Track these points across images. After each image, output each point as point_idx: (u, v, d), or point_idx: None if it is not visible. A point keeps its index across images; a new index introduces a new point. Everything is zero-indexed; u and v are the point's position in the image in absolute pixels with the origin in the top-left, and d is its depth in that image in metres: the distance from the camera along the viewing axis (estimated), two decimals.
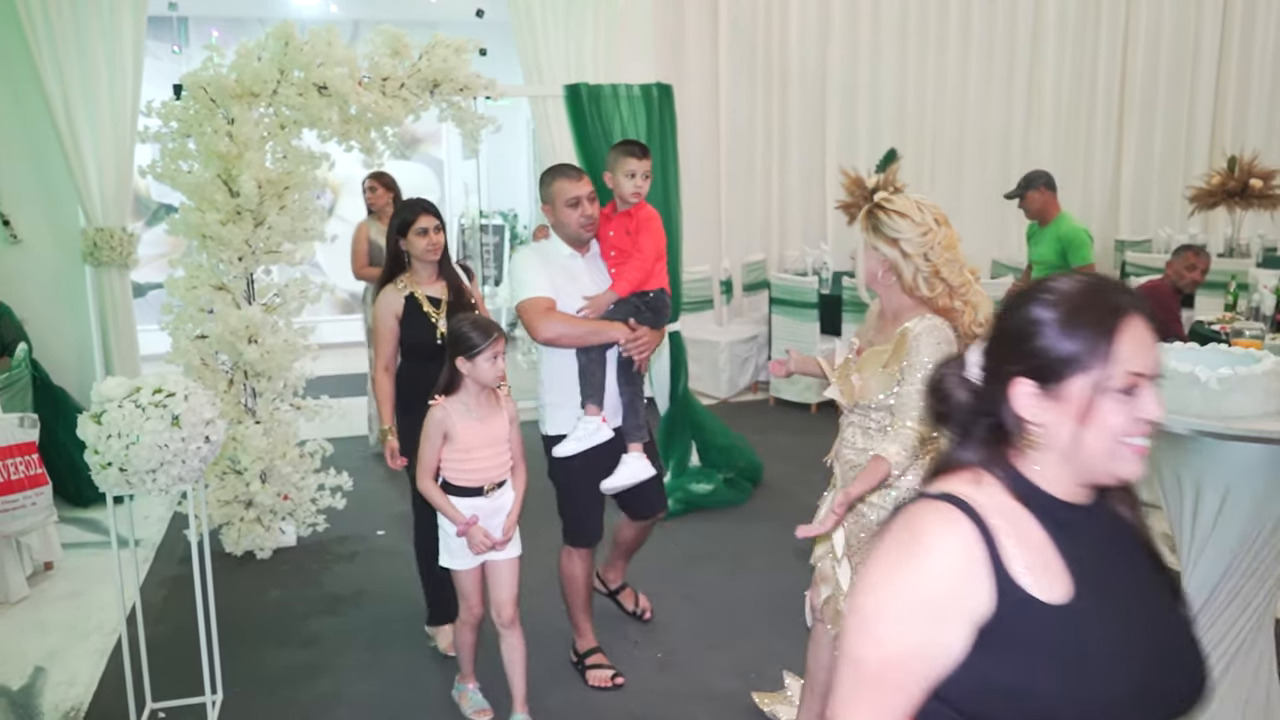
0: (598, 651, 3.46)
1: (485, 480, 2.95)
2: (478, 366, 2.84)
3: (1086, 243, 5.24)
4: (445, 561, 3.04)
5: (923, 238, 2.44)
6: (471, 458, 2.92)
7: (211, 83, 4.25)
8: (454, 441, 2.90)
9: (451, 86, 4.55)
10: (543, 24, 6.24)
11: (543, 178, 3.31)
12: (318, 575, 4.40)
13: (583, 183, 3.25)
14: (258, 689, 3.43)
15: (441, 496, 2.94)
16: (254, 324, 4.39)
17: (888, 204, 2.50)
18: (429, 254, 3.45)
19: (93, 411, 2.93)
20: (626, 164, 3.27)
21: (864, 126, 8.65)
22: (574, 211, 3.21)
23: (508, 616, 3.05)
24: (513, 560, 3.04)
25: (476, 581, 3.06)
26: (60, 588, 4.30)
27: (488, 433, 2.93)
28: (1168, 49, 9.49)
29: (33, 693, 3.44)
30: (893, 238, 2.45)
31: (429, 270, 3.50)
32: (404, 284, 3.47)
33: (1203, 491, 2.62)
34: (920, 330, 2.43)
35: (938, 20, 8.78)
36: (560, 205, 3.22)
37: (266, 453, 4.48)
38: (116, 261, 5.81)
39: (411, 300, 3.44)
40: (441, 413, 2.90)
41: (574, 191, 3.21)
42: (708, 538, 4.66)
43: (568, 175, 3.26)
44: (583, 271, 3.31)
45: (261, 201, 4.36)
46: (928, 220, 2.47)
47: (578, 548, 3.37)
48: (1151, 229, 9.51)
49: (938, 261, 2.44)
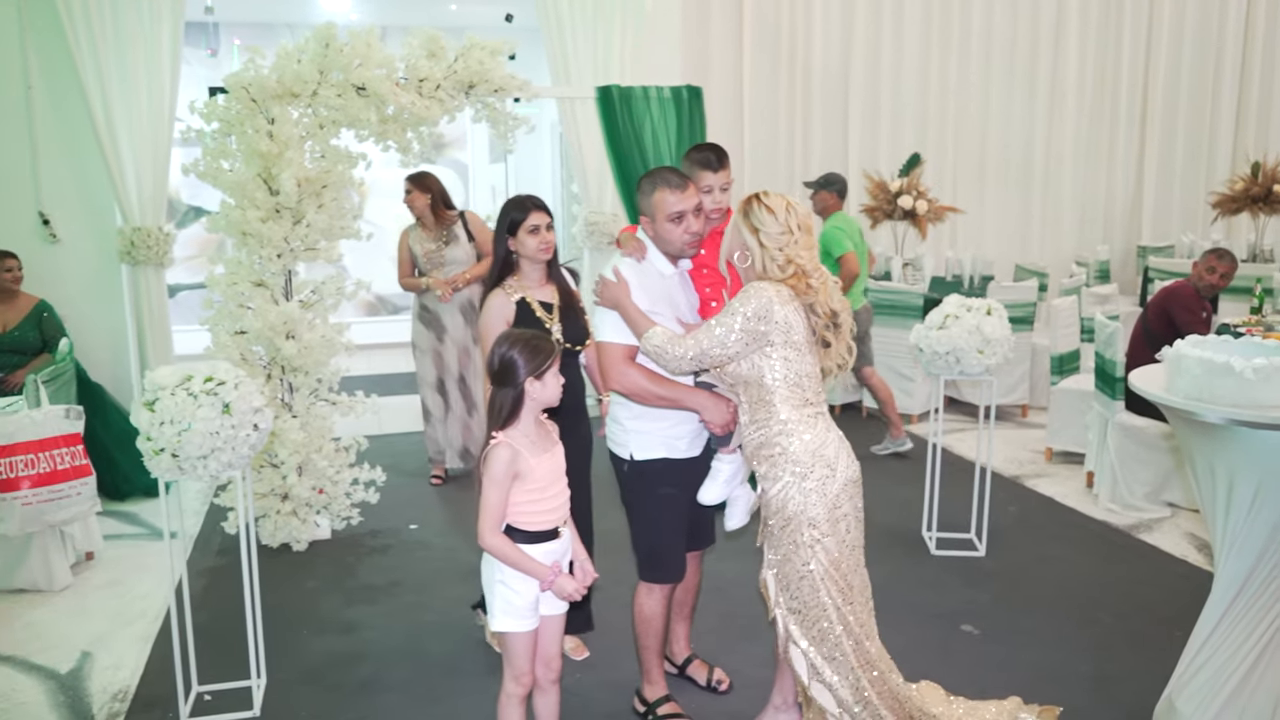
0: (670, 699, 3.14)
1: (560, 518, 2.57)
2: (547, 385, 2.49)
3: (839, 238, 5.74)
4: (503, 625, 2.55)
5: (780, 236, 2.67)
6: (546, 495, 2.52)
7: (253, 83, 4.34)
8: (527, 479, 2.48)
9: (486, 88, 4.63)
10: (571, 27, 6.34)
11: (641, 184, 2.90)
12: (353, 567, 4.47)
13: (689, 193, 2.82)
14: (300, 674, 3.50)
15: (517, 550, 2.48)
16: (292, 319, 4.48)
17: (764, 197, 2.71)
18: (541, 254, 3.18)
19: (145, 399, 3.00)
20: (701, 178, 2.94)
21: (886, 130, 8.72)
22: (678, 228, 2.82)
23: (557, 671, 2.70)
24: (563, 614, 2.67)
25: (533, 646, 2.63)
26: (101, 576, 4.39)
27: (556, 465, 2.57)
28: (1190, 53, 9.51)
29: (81, 676, 3.52)
30: (755, 227, 2.68)
31: (539, 272, 3.24)
32: (514, 288, 3.19)
33: (1236, 481, 2.65)
34: (748, 289, 2.67)
35: (960, 24, 8.84)
36: (661, 220, 2.83)
37: (303, 446, 4.56)
38: (152, 260, 5.92)
39: (523, 305, 3.17)
40: (508, 451, 2.46)
41: (679, 205, 2.80)
42: (724, 535, 4.70)
43: (670, 184, 2.82)
44: (678, 291, 2.97)
45: (300, 200, 4.46)
46: (790, 223, 2.68)
47: (661, 584, 3.03)
48: (1174, 234, 9.52)
49: (790, 253, 2.68)
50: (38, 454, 4.07)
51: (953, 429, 6.50)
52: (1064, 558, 4.47)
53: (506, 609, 2.54)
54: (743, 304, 2.62)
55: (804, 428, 2.65)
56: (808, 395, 2.68)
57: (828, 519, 2.63)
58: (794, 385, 2.66)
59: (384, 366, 8.70)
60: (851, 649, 2.68)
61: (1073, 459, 5.81)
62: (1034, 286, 6.99)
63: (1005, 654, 3.58)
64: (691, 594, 3.35)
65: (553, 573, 2.50)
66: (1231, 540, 2.72)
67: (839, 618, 2.66)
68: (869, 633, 2.74)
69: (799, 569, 2.66)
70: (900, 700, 2.75)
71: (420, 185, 5.38)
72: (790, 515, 2.65)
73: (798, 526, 2.64)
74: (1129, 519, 4.92)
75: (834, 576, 2.65)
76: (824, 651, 2.69)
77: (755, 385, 2.69)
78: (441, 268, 5.37)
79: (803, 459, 2.63)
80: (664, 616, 3.07)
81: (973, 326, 4.21)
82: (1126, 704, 3.22)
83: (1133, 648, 3.62)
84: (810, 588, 2.66)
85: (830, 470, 2.64)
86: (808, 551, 2.64)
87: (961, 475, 5.25)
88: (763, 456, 2.69)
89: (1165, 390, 2.74)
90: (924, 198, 7.33)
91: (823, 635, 2.68)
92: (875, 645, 2.75)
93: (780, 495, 2.66)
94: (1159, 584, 4.18)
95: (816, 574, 2.65)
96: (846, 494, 2.67)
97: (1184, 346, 2.72)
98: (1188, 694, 2.85)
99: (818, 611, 2.67)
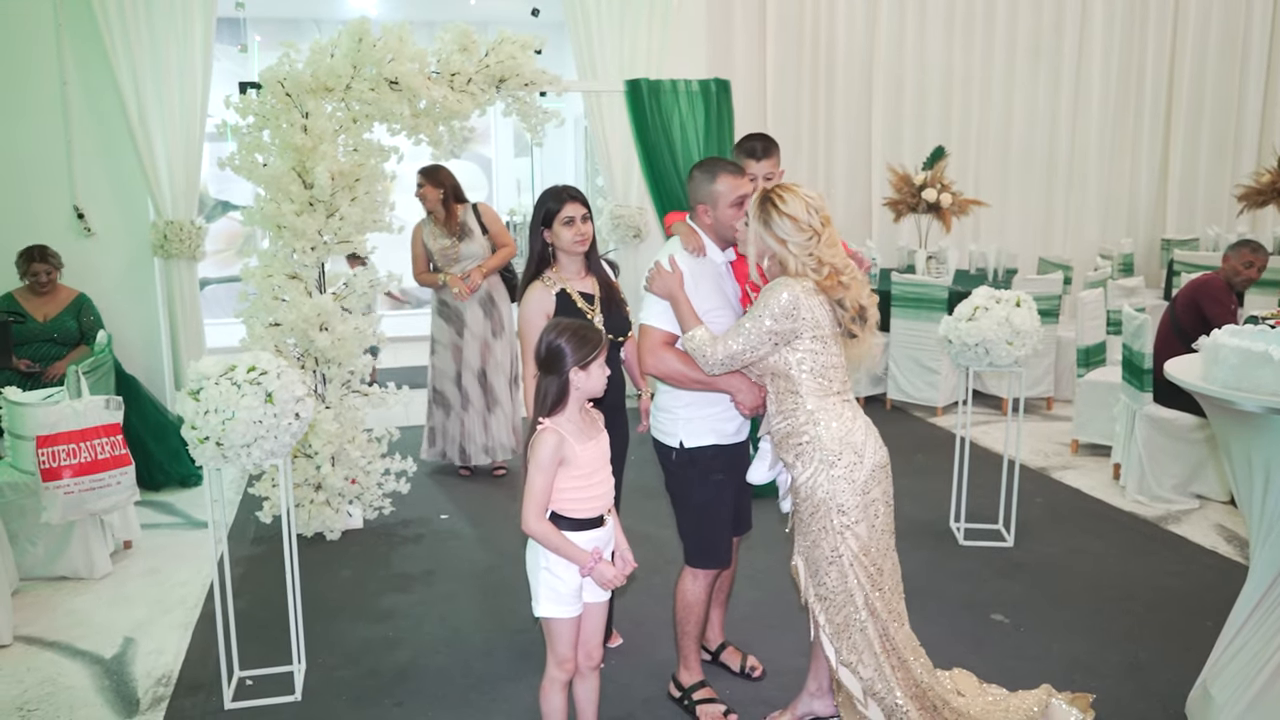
0: (705, 685, 3.17)
1: (604, 506, 2.60)
2: (591, 375, 2.51)
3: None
4: (547, 611, 2.59)
5: (807, 241, 2.67)
6: (593, 482, 2.55)
7: (288, 78, 4.40)
8: (572, 466, 2.51)
9: (517, 82, 4.67)
10: (597, 21, 6.36)
11: (696, 174, 2.93)
12: (386, 556, 4.53)
13: (747, 179, 2.91)
14: (339, 660, 3.56)
15: (560, 536, 2.51)
16: (325, 312, 4.53)
17: (781, 203, 2.67)
18: (577, 246, 3.12)
19: (190, 388, 3.06)
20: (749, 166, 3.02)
21: (909, 123, 8.71)
22: (739, 211, 2.85)
23: (598, 658, 2.74)
24: (605, 601, 2.71)
25: (576, 633, 2.65)
26: (140, 565, 4.46)
27: (601, 452, 2.59)
28: (1216, 45, 9.45)
29: (124, 661, 3.59)
30: (781, 238, 2.68)
31: (577, 264, 3.18)
32: (553, 280, 3.13)
33: (1273, 470, 2.67)
34: (776, 286, 2.67)
35: (985, 16, 8.82)
36: (724, 206, 2.86)
37: (336, 437, 4.62)
38: (185, 254, 6.01)
39: (564, 297, 3.11)
40: (555, 437, 2.50)
41: (742, 189, 2.86)
42: (762, 523, 4.74)
43: (731, 171, 2.88)
44: (726, 281, 3.00)
45: (334, 193, 4.51)
46: (814, 224, 2.67)
47: (707, 569, 3.05)
48: (1199, 227, 9.47)
49: (819, 254, 2.67)
50: (79, 444, 4.13)
51: (978, 421, 6.51)
52: (1092, 549, 4.48)
53: (551, 595, 2.57)
54: (769, 303, 2.65)
55: (831, 416, 2.69)
56: (834, 385, 2.72)
57: (857, 505, 2.67)
58: (820, 376, 2.70)
59: (409, 360, 8.76)
60: (877, 636, 2.72)
61: (1099, 451, 5.81)
62: (1059, 279, 6.98)
63: (1037, 643, 3.60)
64: (729, 580, 3.39)
65: (593, 559, 2.53)
66: (1268, 529, 2.74)
67: (865, 603, 2.70)
68: (898, 618, 2.77)
69: (828, 554, 2.70)
70: (922, 689, 2.77)
71: (433, 179, 5.32)
72: (819, 502, 2.68)
73: (827, 513, 2.68)
74: (1157, 510, 4.93)
75: (863, 563, 2.69)
76: (849, 638, 2.72)
77: (782, 376, 2.72)
78: (456, 263, 5.36)
79: (830, 447, 2.66)
80: (706, 603, 3.10)
81: (1002, 318, 4.22)
82: (1159, 692, 3.24)
83: (1164, 637, 3.63)
84: (839, 573, 2.70)
85: (858, 457, 2.67)
86: (837, 538, 2.68)
87: (988, 467, 5.26)
88: (790, 445, 2.73)
89: (1202, 380, 2.75)
90: (948, 191, 7.32)
91: (847, 621, 2.72)
92: (903, 632, 2.77)
93: (809, 482, 2.70)
94: (1189, 575, 4.19)
95: (845, 560, 2.69)
96: (875, 479, 2.70)
97: (1221, 336, 2.74)
98: (1222, 681, 2.87)
99: (844, 597, 2.71)
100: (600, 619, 2.70)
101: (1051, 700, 3.03)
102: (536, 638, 3.59)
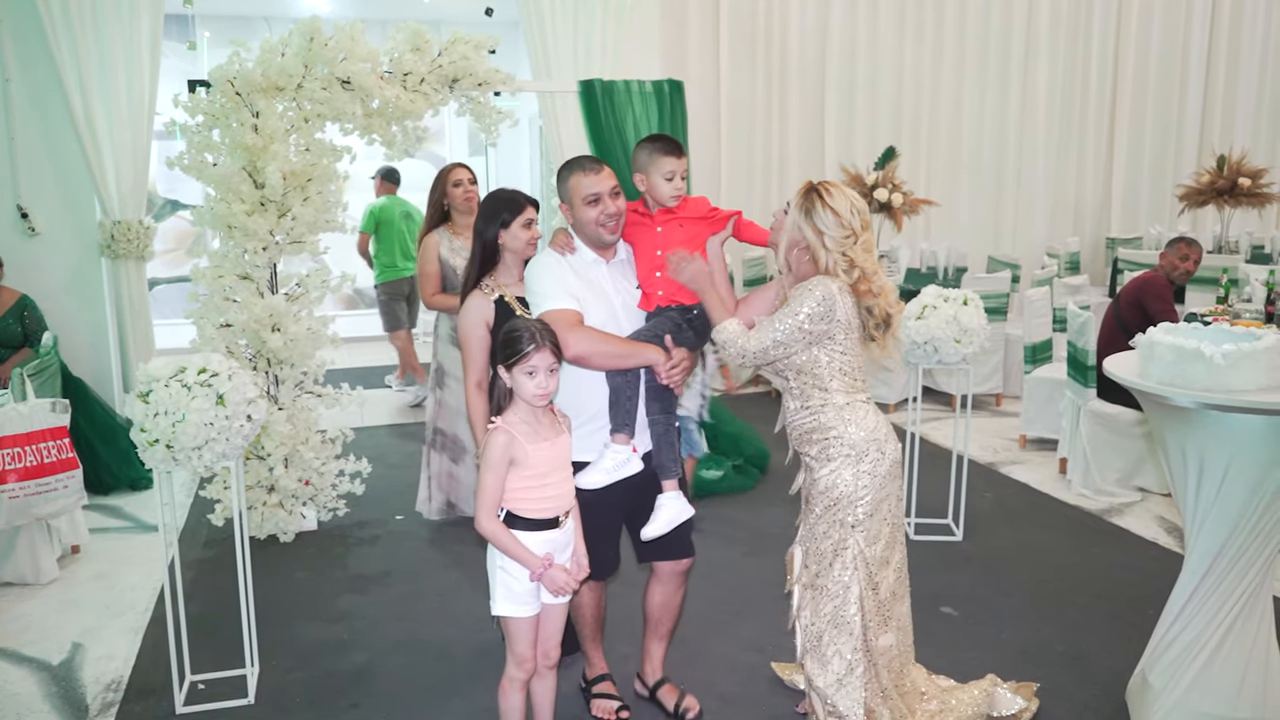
0: (606, 679, 3.21)
1: (559, 510, 2.57)
2: (515, 379, 2.50)
3: (365, 216, 7.31)
4: (504, 610, 2.60)
5: (844, 239, 2.67)
6: (545, 484, 2.54)
7: (238, 76, 4.36)
8: (523, 466, 2.50)
9: (471, 81, 4.67)
10: (551, 20, 6.36)
11: (559, 173, 2.92)
12: (342, 557, 4.51)
13: (603, 175, 2.84)
14: (293, 662, 3.54)
15: (511, 537, 2.51)
16: (277, 312, 4.50)
17: (827, 196, 2.68)
18: (530, 249, 3.07)
19: (140, 390, 3.03)
20: (664, 164, 2.85)
21: (862, 124, 8.81)
22: (594, 209, 2.82)
23: (556, 658, 2.76)
24: (566, 602, 2.71)
25: (534, 632, 2.66)
26: (88, 569, 4.39)
27: (557, 454, 2.57)
28: (1158, 50, 9.70)
29: (72, 667, 3.54)
30: (820, 230, 2.67)
31: (519, 268, 3.09)
32: (490, 287, 3.06)
33: (1206, 462, 2.76)
34: (813, 284, 2.67)
35: (934, 20, 8.95)
36: (578, 203, 2.83)
37: (289, 439, 4.58)
38: (133, 254, 5.92)
39: (501, 304, 3.04)
40: (505, 436, 2.49)
41: (594, 187, 2.81)
42: (720, 521, 4.80)
43: (585, 168, 2.85)
44: (606, 280, 2.91)
45: (286, 193, 4.47)
46: (855, 225, 2.68)
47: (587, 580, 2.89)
48: (1142, 226, 9.71)
49: (853, 255, 2.68)
50: (24, 447, 4.06)
51: (928, 418, 6.62)
52: (1039, 542, 4.59)
53: (506, 594, 2.59)
54: (805, 302, 2.64)
55: (859, 414, 2.73)
56: (858, 382, 2.77)
57: (874, 499, 2.73)
58: (847, 374, 2.74)
59: (365, 360, 8.71)
60: (860, 633, 2.76)
61: (1046, 446, 5.94)
62: (1007, 278, 7.12)
63: (984, 634, 3.69)
64: (671, 614, 3.17)
65: (543, 564, 2.52)
66: (1201, 519, 2.83)
67: (857, 599, 2.74)
68: (883, 623, 2.79)
69: (835, 546, 2.74)
70: (884, 695, 2.82)
71: (475, 177, 4.65)
72: (839, 497, 2.72)
73: (845, 507, 2.72)
74: (1101, 504, 5.05)
75: (866, 557, 2.73)
76: (832, 630, 2.76)
77: (809, 373, 2.75)
78: None
79: (858, 444, 2.71)
80: (595, 606, 3.10)
81: (950, 317, 4.31)
82: (1101, 680, 3.33)
83: (1107, 627, 3.73)
84: (840, 567, 2.74)
85: (881, 454, 2.73)
86: (848, 531, 2.73)
87: (938, 463, 5.36)
88: (814, 440, 2.76)
89: (1139, 376, 2.83)
90: (899, 190, 7.43)
91: (835, 614, 2.76)
92: (886, 639, 2.80)
93: (830, 477, 2.73)
94: (1131, 566, 4.31)
95: (850, 554, 2.73)
96: (892, 474, 2.77)
97: (1156, 334, 2.83)
98: (1159, 669, 2.96)
99: (839, 589, 2.75)
100: (559, 619, 2.71)
101: (996, 690, 3.11)
102: (494, 637, 3.60)
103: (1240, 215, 8.83)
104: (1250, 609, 2.86)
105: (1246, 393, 2.61)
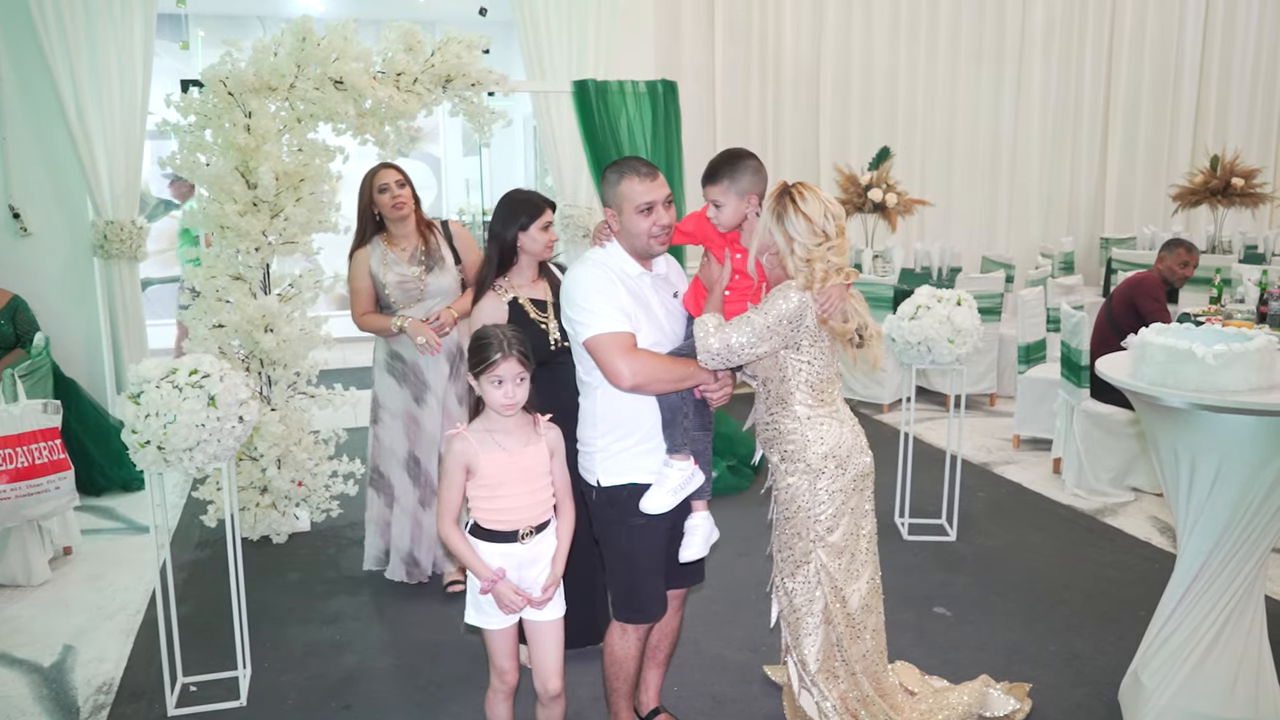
0: (661, 712, 3.03)
1: (520, 523, 2.47)
2: (483, 388, 2.43)
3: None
4: (472, 619, 2.55)
5: (816, 247, 2.58)
6: (498, 495, 2.45)
7: (230, 76, 4.35)
8: (477, 475, 2.44)
9: (464, 81, 4.66)
10: (545, 20, 6.36)
11: (607, 174, 2.69)
12: (334, 558, 4.50)
13: (659, 183, 2.62)
14: (285, 664, 3.53)
15: (465, 544, 2.45)
16: (270, 313, 4.49)
17: (800, 200, 2.59)
18: (548, 251, 3.07)
19: (131, 392, 3.02)
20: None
21: (856, 124, 8.83)
22: (646, 219, 2.60)
23: (555, 689, 2.58)
24: (556, 621, 2.57)
25: (511, 644, 2.57)
26: (80, 571, 4.38)
27: (517, 465, 2.46)
28: (1151, 52, 9.73)
29: (64, 669, 3.53)
30: (790, 235, 2.59)
31: (533, 270, 3.09)
32: (504, 289, 3.06)
33: (1198, 463, 2.76)
34: (787, 288, 2.60)
35: (929, 21, 8.97)
36: (629, 211, 2.60)
37: (282, 439, 4.57)
38: (126, 254, 5.90)
39: (515, 306, 3.04)
40: (461, 442, 2.44)
41: (648, 195, 2.59)
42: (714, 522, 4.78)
43: (640, 173, 2.61)
44: (650, 292, 2.69)
45: (278, 193, 4.47)
46: (828, 229, 2.60)
47: (636, 624, 2.74)
48: (1136, 226, 9.74)
49: (822, 260, 2.58)
50: (15, 449, 4.05)
51: (922, 418, 6.62)
52: (1032, 541, 4.59)
53: (476, 604, 2.54)
54: (776, 305, 2.58)
55: (819, 428, 2.69)
56: (825, 396, 2.72)
57: (834, 514, 2.71)
58: (813, 386, 2.70)
59: (358, 360, 8.68)
60: (829, 643, 2.78)
61: (1040, 446, 5.95)
62: (1001, 278, 7.12)
63: (977, 634, 3.69)
64: (669, 639, 2.99)
65: (493, 577, 2.43)
66: (1194, 520, 2.83)
67: (823, 610, 2.77)
68: (856, 634, 2.80)
69: (798, 558, 2.76)
70: (865, 702, 2.84)
71: (406, 178, 3.98)
72: (797, 510, 2.73)
73: (804, 521, 2.73)
74: (1094, 503, 5.06)
75: (830, 570, 2.74)
76: (807, 634, 2.78)
77: (776, 381, 2.72)
78: (419, 302, 3.93)
79: (814, 461, 2.68)
80: (637, 659, 2.81)
81: (943, 317, 4.31)
82: (1095, 680, 3.33)
83: (1100, 627, 3.73)
84: (804, 578, 2.76)
85: (841, 470, 2.70)
86: (810, 544, 2.73)
87: (932, 463, 5.36)
88: (777, 448, 2.76)
89: (1131, 377, 2.84)
90: (893, 190, 7.44)
91: (801, 622, 2.79)
92: (859, 647, 2.81)
93: (789, 490, 2.73)
94: (1124, 566, 4.31)
95: (813, 566, 2.74)
96: (856, 489, 2.74)
97: (1148, 334, 2.83)
98: (1152, 669, 2.96)
99: (805, 599, 2.77)
100: (551, 641, 2.58)
101: (989, 690, 3.11)
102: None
103: (1234, 215, 8.87)
104: (1243, 609, 2.86)
105: (1238, 393, 2.61)
